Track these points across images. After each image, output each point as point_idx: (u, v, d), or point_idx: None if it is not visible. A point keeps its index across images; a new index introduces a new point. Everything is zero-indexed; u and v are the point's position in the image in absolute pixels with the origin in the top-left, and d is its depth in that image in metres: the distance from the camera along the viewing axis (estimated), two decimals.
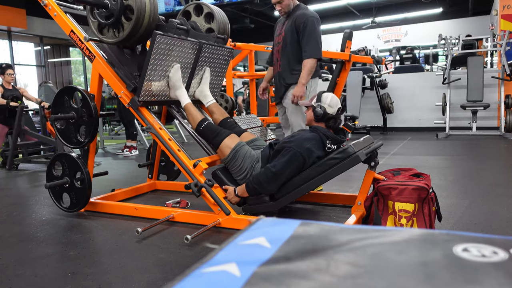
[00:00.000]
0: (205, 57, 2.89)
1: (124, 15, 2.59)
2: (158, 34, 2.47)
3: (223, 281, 0.35)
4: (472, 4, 12.00)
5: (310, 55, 2.87)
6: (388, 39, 14.13)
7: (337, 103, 2.38)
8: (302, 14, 2.91)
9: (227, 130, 2.59)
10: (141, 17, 2.54)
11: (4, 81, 5.40)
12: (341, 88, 3.68)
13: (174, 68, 2.68)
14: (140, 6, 2.52)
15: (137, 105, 2.62)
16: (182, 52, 2.69)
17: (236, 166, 2.46)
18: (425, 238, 0.41)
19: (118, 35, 2.64)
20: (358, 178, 3.35)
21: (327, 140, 2.32)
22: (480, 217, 2.53)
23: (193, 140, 3.01)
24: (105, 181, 3.94)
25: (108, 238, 2.40)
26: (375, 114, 7.87)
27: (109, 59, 2.78)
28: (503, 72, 6.81)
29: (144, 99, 2.61)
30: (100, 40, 2.74)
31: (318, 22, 2.93)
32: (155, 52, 2.49)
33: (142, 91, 2.56)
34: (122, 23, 2.61)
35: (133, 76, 2.67)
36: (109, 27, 2.66)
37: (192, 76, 2.86)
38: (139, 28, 2.58)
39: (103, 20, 2.62)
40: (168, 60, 2.63)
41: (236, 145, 2.47)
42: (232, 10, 11.95)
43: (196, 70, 2.87)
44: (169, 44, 2.55)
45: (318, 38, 2.92)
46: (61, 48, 12.52)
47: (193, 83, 2.90)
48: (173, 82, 2.70)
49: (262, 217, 0.50)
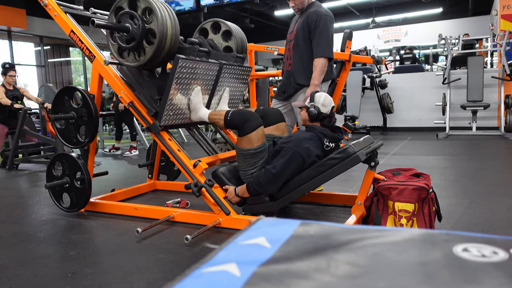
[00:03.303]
0: (224, 77, 2.83)
1: (145, 38, 2.49)
2: (180, 58, 2.40)
3: (223, 281, 0.35)
4: (472, 4, 12.00)
5: (320, 54, 2.78)
6: (388, 39, 14.13)
7: (330, 102, 2.38)
8: (315, 12, 2.84)
9: (257, 118, 2.37)
10: (163, 40, 2.44)
11: (5, 81, 5.41)
12: (341, 88, 3.68)
13: (195, 91, 2.62)
14: (162, 29, 2.42)
15: (158, 130, 2.55)
16: (203, 74, 2.63)
17: (249, 163, 2.39)
18: (425, 238, 0.41)
19: (139, 59, 2.54)
20: (358, 178, 3.35)
21: (325, 138, 2.32)
22: (480, 217, 2.53)
23: (193, 140, 3.01)
24: (105, 181, 3.94)
25: (108, 238, 2.40)
26: (375, 114, 7.87)
27: (127, 81, 2.71)
28: (503, 72, 6.81)
29: (165, 124, 2.54)
30: (120, 63, 2.65)
31: (332, 21, 2.85)
32: (177, 76, 2.42)
33: (164, 115, 2.49)
34: (143, 47, 2.51)
35: (154, 100, 2.60)
36: (130, 50, 2.56)
37: (212, 96, 2.82)
38: (161, 52, 2.48)
39: (124, 44, 2.52)
40: (189, 84, 2.56)
41: (259, 146, 2.35)
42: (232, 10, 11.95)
43: (216, 90, 2.82)
44: (191, 67, 2.49)
45: (330, 37, 2.84)
46: (61, 48, 12.52)
47: (213, 103, 2.86)
48: (194, 105, 2.63)
49: (262, 217, 0.50)
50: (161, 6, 2.47)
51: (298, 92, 2.96)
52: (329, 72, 2.94)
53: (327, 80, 2.96)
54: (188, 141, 7.14)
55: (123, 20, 2.50)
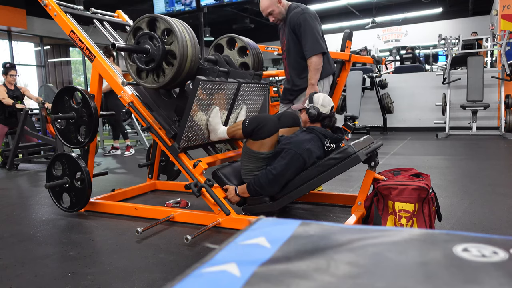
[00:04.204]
0: (242, 95, 2.81)
1: (165, 60, 2.43)
2: (201, 80, 2.36)
3: (223, 281, 0.35)
4: (472, 4, 12.01)
5: (310, 53, 2.79)
6: (388, 39, 14.14)
7: (329, 102, 2.38)
8: (294, 15, 2.84)
9: (274, 124, 2.33)
10: (183, 62, 2.38)
11: (6, 81, 5.42)
12: (341, 88, 3.68)
13: (214, 112, 2.59)
14: (183, 51, 2.36)
15: (177, 152, 2.52)
16: (222, 94, 2.60)
17: (255, 165, 2.38)
18: (425, 238, 0.41)
19: (158, 80, 2.47)
20: (358, 178, 3.35)
21: (326, 139, 2.32)
22: (480, 217, 2.53)
23: None
24: (105, 181, 3.94)
25: (108, 238, 2.40)
26: (375, 114, 7.87)
27: (144, 101, 2.68)
28: (503, 72, 6.81)
29: (184, 145, 2.51)
30: (138, 84, 2.61)
31: (312, 16, 2.83)
32: (197, 98, 2.39)
33: (183, 137, 2.46)
34: (163, 68, 2.44)
35: (172, 121, 2.56)
36: (149, 71, 2.49)
37: (230, 114, 2.80)
38: (181, 73, 2.42)
39: (143, 65, 2.46)
40: (208, 104, 2.53)
41: (272, 151, 2.34)
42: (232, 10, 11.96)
43: (234, 108, 2.81)
44: (210, 88, 2.46)
45: (316, 33, 2.81)
46: (61, 48, 12.52)
47: (230, 120, 2.85)
48: (213, 126, 2.61)
49: (262, 217, 0.50)
50: (181, 26, 2.41)
51: (299, 96, 2.99)
52: (327, 67, 2.92)
53: (327, 76, 2.96)
54: None
55: (142, 41, 2.43)
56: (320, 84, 2.92)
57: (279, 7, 2.89)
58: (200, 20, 10.10)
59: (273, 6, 2.88)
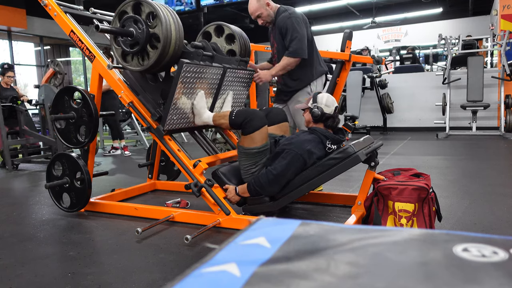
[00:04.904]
0: (228, 81, 2.83)
1: (149, 43, 2.48)
2: (185, 63, 2.39)
3: (223, 281, 0.35)
4: (472, 4, 12.00)
5: (289, 54, 2.80)
6: (388, 39, 14.13)
7: (333, 102, 2.37)
8: (281, 18, 2.85)
9: (261, 118, 2.38)
10: (167, 45, 2.42)
11: (3, 81, 5.42)
12: (341, 88, 3.67)
13: (199, 96, 2.62)
14: (167, 34, 2.41)
15: (162, 134, 2.55)
16: (207, 78, 2.63)
17: (250, 161, 2.39)
18: (425, 238, 0.41)
19: (143, 63, 2.53)
20: (358, 178, 3.35)
21: (327, 141, 2.31)
22: (480, 217, 2.53)
23: (193, 140, 3.00)
24: (105, 181, 3.94)
25: (108, 238, 2.40)
26: (375, 114, 7.87)
27: (131, 85, 2.71)
28: (503, 72, 6.81)
29: (169, 128, 2.54)
30: (124, 68, 2.65)
31: (299, 20, 2.83)
32: (181, 80, 2.42)
33: (168, 120, 2.49)
34: (147, 52, 2.49)
35: (158, 104, 2.59)
36: (134, 55, 2.55)
37: (216, 100, 2.82)
38: (165, 57, 2.47)
39: (128, 48, 2.51)
40: (193, 88, 2.56)
41: (262, 146, 2.36)
42: (232, 10, 11.95)
43: (219, 93, 2.82)
44: (195, 71, 2.49)
45: (301, 37, 2.80)
46: (61, 48, 12.52)
47: (216, 106, 2.86)
48: (198, 109, 2.64)
49: (262, 217, 0.50)
50: (165, 10, 2.46)
51: (293, 97, 3.00)
52: (318, 67, 2.96)
53: (319, 76, 2.99)
54: (188, 141, 7.14)
55: (127, 24, 2.48)
56: (313, 83, 2.96)
57: (268, 10, 2.89)
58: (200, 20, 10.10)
59: (262, 9, 2.88)
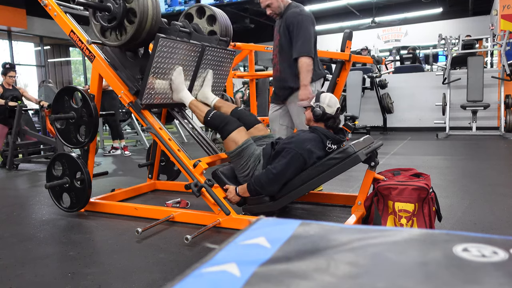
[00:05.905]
0: (207, 60, 2.88)
1: (126, 18, 2.57)
2: (161, 37, 2.47)
3: (223, 281, 0.35)
4: (472, 4, 12.00)
5: (297, 54, 2.77)
6: (388, 39, 14.13)
7: (335, 103, 2.37)
8: (292, 13, 2.83)
9: (236, 121, 2.51)
10: (143, 20, 2.52)
11: (5, 81, 5.42)
12: (341, 88, 3.67)
13: (177, 71, 2.68)
14: (143, 9, 2.50)
15: (139, 108, 2.62)
16: (185, 55, 2.69)
17: (240, 164, 2.44)
18: (425, 238, 0.41)
19: (121, 38, 2.62)
20: (358, 178, 3.35)
21: (327, 140, 2.31)
22: (480, 217, 2.53)
23: (193, 140, 3.00)
24: (105, 181, 3.94)
25: (108, 238, 2.39)
26: (375, 114, 7.87)
27: (111, 62, 2.77)
28: (503, 72, 6.81)
29: (147, 102, 2.61)
30: (103, 43, 2.72)
31: (309, 21, 2.82)
32: (157, 55, 2.49)
33: (145, 94, 2.56)
34: (124, 26, 2.59)
35: (136, 79, 2.67)
36: (112, 30, 2.64)
37: (195, 78, 2.86)
38: (142, 31, 2.56)
39: (106, 23, 2.60)
40: (170, 63, 2.62)
41: (243, 142, 2.42)
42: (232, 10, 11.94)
43: (199, 72, 2.86)
44: (172, 47, 2.55)
45: (308, 36, 2.79)
46: (61, 48, 12.51)
47: (196, 85, 2.89)
48: (175, 85, 2.70)
49: (262, 217, 0.50)
50: None
51: (291, 96, 2.93)
52: (317, 71, 2.91)
53: (318, 79, 2.95)
54: (188, 141, 7.13)
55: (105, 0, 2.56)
56: (312, 86, 2.90)
57: (278, 1, 2.88)
58: None
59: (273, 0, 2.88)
